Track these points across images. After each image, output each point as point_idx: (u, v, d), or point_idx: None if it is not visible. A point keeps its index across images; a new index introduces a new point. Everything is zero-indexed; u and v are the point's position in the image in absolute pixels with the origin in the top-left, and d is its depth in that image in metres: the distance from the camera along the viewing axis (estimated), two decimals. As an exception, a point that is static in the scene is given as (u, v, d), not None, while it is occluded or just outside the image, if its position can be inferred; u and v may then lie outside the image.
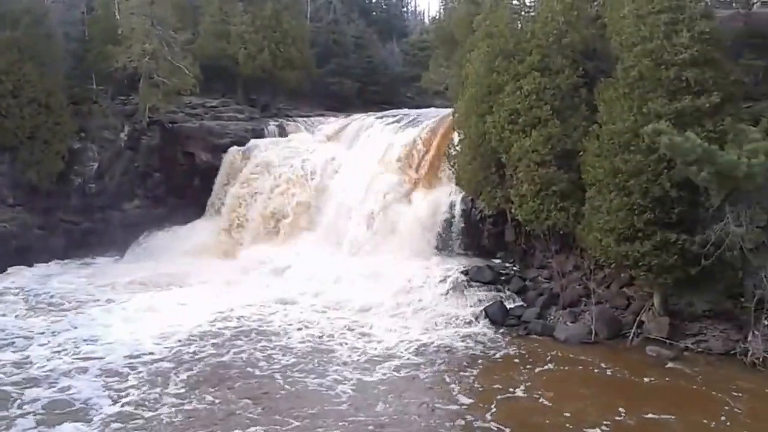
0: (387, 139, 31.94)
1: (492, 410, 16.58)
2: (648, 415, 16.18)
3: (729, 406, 16.62)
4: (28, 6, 32.32)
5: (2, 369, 18.69)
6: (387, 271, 26.18)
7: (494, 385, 18.12)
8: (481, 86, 24.98)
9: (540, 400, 17.30)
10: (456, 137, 27.69)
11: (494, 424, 15.90)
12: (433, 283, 25.00)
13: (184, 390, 17.67)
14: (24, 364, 19.12)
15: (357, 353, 20.56)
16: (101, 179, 33.90)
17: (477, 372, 19.13)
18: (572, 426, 15.79)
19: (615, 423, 15.87)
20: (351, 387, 18.08)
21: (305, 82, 43.81)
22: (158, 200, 34.93)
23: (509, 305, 23.62)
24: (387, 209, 28.72)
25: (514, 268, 25.99)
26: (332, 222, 29.99)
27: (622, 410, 16.41)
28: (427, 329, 22.43)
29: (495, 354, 20.61)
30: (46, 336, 21.52)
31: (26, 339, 21.23)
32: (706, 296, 20.50)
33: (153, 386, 17.85)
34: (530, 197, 22.83)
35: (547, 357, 20.15)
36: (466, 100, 26.02)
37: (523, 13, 26.42)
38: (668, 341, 20.11)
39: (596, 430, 15.53)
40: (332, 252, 28.80)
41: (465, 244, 27.39)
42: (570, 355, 20.19)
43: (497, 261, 26.63)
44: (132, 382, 18.06)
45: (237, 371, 19.07)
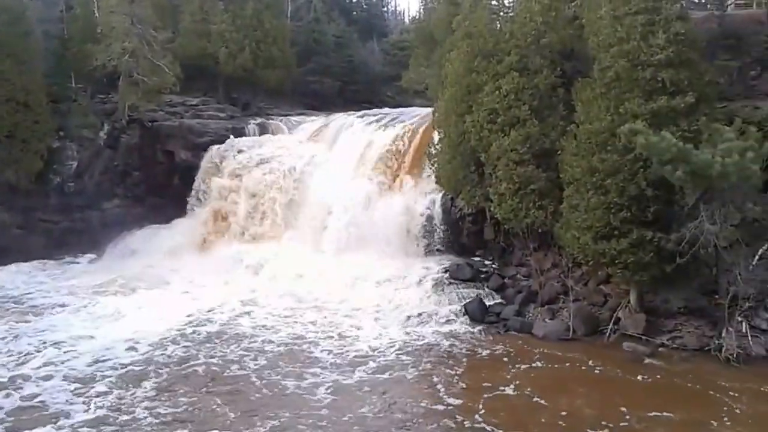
0: (367, 139, 32.05)
1: (481, 410, 16.56)
2: (651, 413, 16.25)
3: (729, 406, 16.73)
4: (6, 4, 32.08)
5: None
6: (367, 270, 26.35)
7: (481, 384, 18.13)
8: (461, 86, 25.17)
9: (534, 399, 17.33)
10: (436, 136, 27.88)
11: (487, 425, 15.86)
12: (414, 281, 25.21)
13: (158, 393, 17.44)
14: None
15: (337, 353, 20.52)
16: (80, 178, 33.75)
17: (462, 371, 19.17)
18: (574, 426, 15.84)
19: (618, 422, 15.92)
20: (331, 388, 17.99)
21: (286, 81, 43.83)
22: (138, 199, 34.80)
23: (488, 302, 23.82)
24: (367, 208, 28.84)
25: (494, 266, 26.21)
26: (312, 221, 29.99)
27: (623, 409, 16.44)
28: (408, 327, 22.54)
29: (479, 352, 20.65)
30: (8, 340, 21.16)
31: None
32: (681, 293, 20.94)
33: (125, 390, 17.58)
34: (509, 196, 23.06)
35: (531, 355, 20.25)
36: (446, 100, 26.20)
37: (502, 14, 26.64)
38: (644, 337, 20.42)
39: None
40: (312, 251, 28.86)
41: (445, 243, 27.57)
42: (554, 353, 20.28)
43: (477, 259, 26.84)
44: (102, 388, 17.70)
45: (212, 373, 18.85)
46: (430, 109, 30.25)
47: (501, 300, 24.10)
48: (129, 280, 27.71)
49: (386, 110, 37.42)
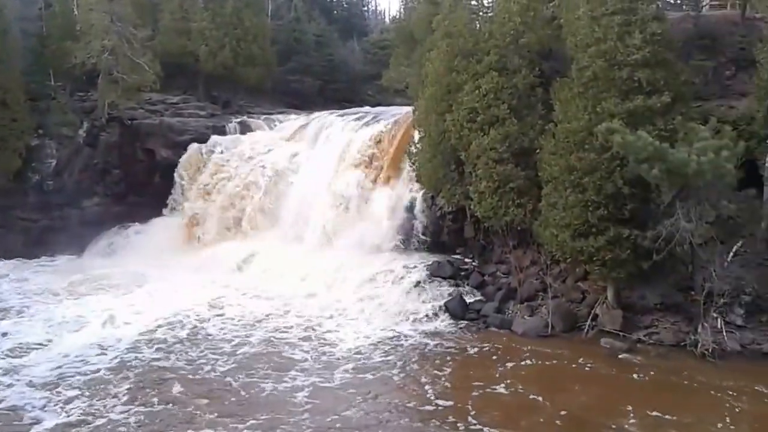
0: (348, 137, 32.11)
1: (472, 411, 16.41)
2: (654, 413, 16.20)
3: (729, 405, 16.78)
4: (-17, 2, 31.86)
5: None
6: (348, 268, 26.41)
7: (469, 383, 18.09)
8: (441, 85, 25.34)
9: (526, 397, 17.32)
10: (416, 135, 28.00)
11: (483, 426, 15.71)
12: (394, 279, 25.29)
13: (131, 398, 17.02)
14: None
15: (318, 352, 20.41)
16: (60, 176, 33.56)
17: (448, 369, 19.09)
18: (573, 424, 15.86)
19: (623, 422, 15.89)
20: (312, 389, 17.75)
21: (266, 80, 43.88)
22: (118, 198, 34.65)
23: (469, 300, 24.00)
24: (348, 206, 28.98)
25: (474, 264, 26.37)
26: (294, 219, 30.10)
27: (629, 407, 16.47)
28: (390, 325, 22.58)
29: (462, 350, 20.67)
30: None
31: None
32: (658, 290, 21.26)
33: (96, 396, 17.11)
34: (489, 194, 23.25)
35: (515, 352, 20.29)
36: (426, 99, 26.36)
37: (481, 14, 26.87)
38: (621, 333, 20.65)
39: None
40: (293, 249, 28.88)
41: (425, 240, 27.71)
42: (536, 349, 20.38)
43: (457, 256, 26.99)
44: (71, 393, 17.19)
45: (187, 376, 18.44)
46: (411, 108, 30.37)
47: (481, 297, 24.28)
48: (105, 280, 27.53)
49: (367, 109, 37.48)
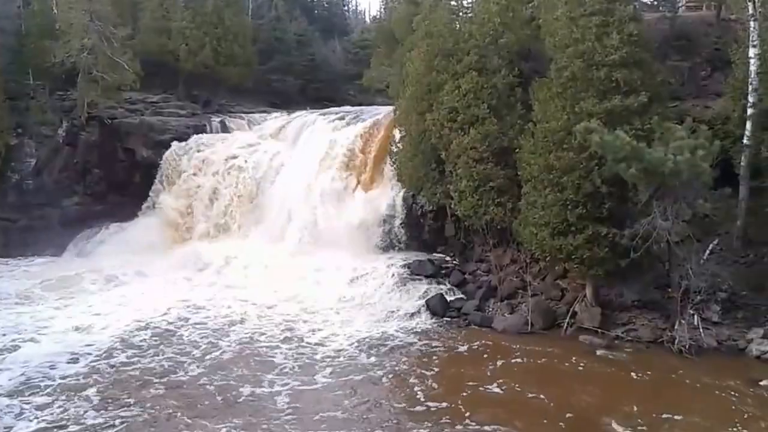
0: (330, 136, 32.12)
1: (465, 411, 16.29)
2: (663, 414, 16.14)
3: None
4: (-38, 0, 31.55)
5: None
6: (330, 267, 26.47)
7: (457, 382, 18.09)
8: (421, 85, 25.48)
9: (523, 395, 17.28)
10: (397, 134, 28.14)
11: (481, 426, 15.58)
12: (376, 278, 25.41)
13: (104, 402, 16.62)
14: None
15: (300, 352, 20.19)
16: (39, 176, 33.28)
17: (434, 368, 19.05)
18: (574, 423, 15.83)
19: (620, 418, 15.91)
20: (294, 391, 17.54)
21: (247, 79, 43.78)
22: (98, 197, 34.32)
23: (450, 298, 24.12)
24: (330, 205, 29.02)
25: (454, 262, 26.55)
26: (275, 218, 30.06)
27: (634, 407, 16.50)
28: (372, 324, 22.58)
29: (445, 348, 20.63)
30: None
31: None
32: (636, 287, 21.52)
33: (69, 401, 16.66)
34: (469, 193, 23.42)
35: (498, 350, 20.29)
36: (407, 98, 26.50)
37: (461, 14, 26.99)
38: (600, 330, 20.88)
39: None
40: (275, 249, 28.85)
41: (406, 239, 27.87)
42: (521, 347, 20.42)
43: (438, 255, 27.15)
44: (43, 400, 16.67)
45: (165, 378, 18.12)
46: (392, 108, 30.48)
47: (462, 295, 24.40)
48: (84, 281, 27.24)
49: (348, 108, 37.55)
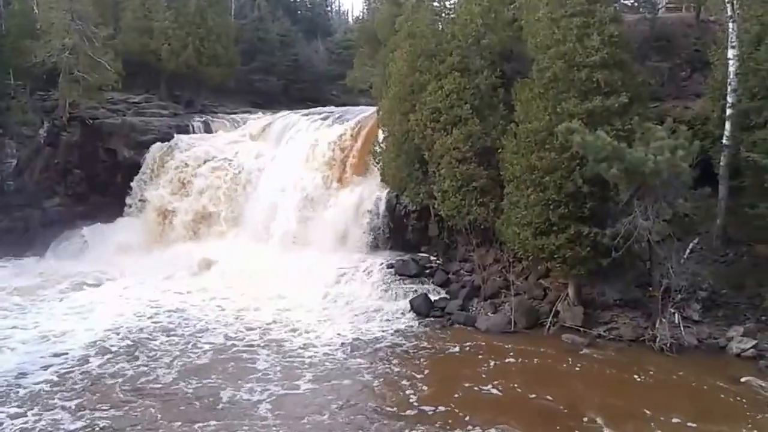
0: (313, 136, 32.13)
1: (464, 415, 16.11)
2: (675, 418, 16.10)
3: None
4: (-59, -1, 31.16)
5: None
6: (314, 267, 26.43)
7: (447, 384, 18.04)
8: (404, 85, 25.59)
9: (519, 395, 17.24)
10: (381, 135, 28.20)
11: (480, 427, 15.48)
12: (360, 278, 25.46)
13: (80, 409, 16.27)
14: None
15: (283, 354, 20.07)
16: (20, 176, 32.88)
17: (423, 370, 18.96)
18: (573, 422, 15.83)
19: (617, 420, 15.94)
20: (277, 395, 17.31)
21: (230, 79, 43.72)
22: (80, 198, 34.05)
23: (433, 297, 24.21)
24: (313, 205, 29.01)
25: (438, 262, 26.64)
26: (259, 218, 29.95)
27: (618, 405, 16.60)
28: (356, 324, 22.56)
29: (432, 349, 20.57)
30: None
31: None
32: (617, 286, 21.72)
33: (44, 408, 16.28)
34: (452, 193, 23.55)
35: (487, 350, 20.31)
36: (390, 99, 26.58)
37: (444, 15, 27.11)
38: (582, 329, 21.03)
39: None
40: (259, 248, 28.78)
41: (390, 239, 27.89)
42: (510, 347, 20.45)
43: (422, 255, 27.21)
44: (15, 410, 16.20)
45: (144, 384, 17.78)
46: (375, 108, 30.53)
47: (445, 295, 24.52)
48: (61, 284, 26.88)
49: (331, 108, 37.54)
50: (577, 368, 19.03)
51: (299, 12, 62.32)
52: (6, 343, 20.50)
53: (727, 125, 21.29)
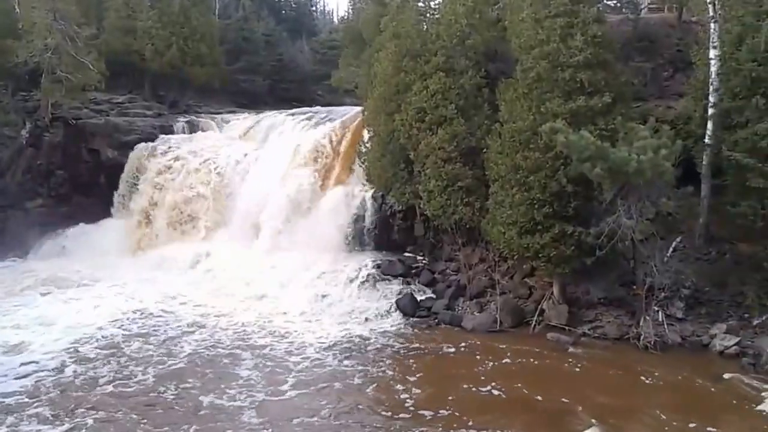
0: (299, 136, 32.08)
1: (462, 416, 15.98)
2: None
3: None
4: None
5: None
6: (299, 268, 26.39)
7: (439, 385, 17.88)
8: (389, 85, 25.62)
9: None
10: (366, 135, 28.21)
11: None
12: (346, 278, 25.37)
13: (59, 416, 15.89)
14: None
15: (269, 357, 19.82)
16: (2, 177, 32.61)
17: (414, 371, 18.78)
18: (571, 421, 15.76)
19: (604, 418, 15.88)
20: (265, 401, 16.97)
21: (215, 79, 43.53)
22: (63, 199, 33.78)
23: (419, 297, 24.24)
24: (299, 206, 28.91)
25: (424, 261, 26.67)
26: (244, 219, 29.80)
27: (604, 403, 16.65)
28: (343, 325, 22.53)
29: (421, 350, 20.44)
30: None
31: None
32: (601, 285, 21.87)
33: (22, 418, 15.75)
34: (438, 193, 23.59)
35: (475, 350, 20.30)
36: (375, 99, 26.61)
37: (428, 15, 27.21)
38: (567, 328, 21.15)
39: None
40: (244, 249, 28.67)
41: (376, 239, 27.88)
42: (503, 346, 20.43)
43: (407, 255, 27.23)
44: None
45: (123, 390, 17.45)
46: (360, 108, 30.54)
47: (431, 294, 24.54)
48: (41, 286, 26.55)
49: (317, 109, 37.46)
50: (564, 366, 19.06)
51: (284, 12, 62.15)
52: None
53: (709, 125, 21.42)
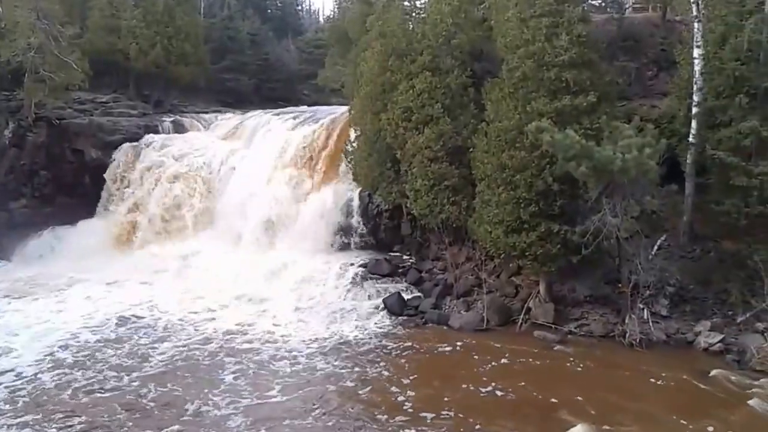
0: (285, 136, 31.99)
1: (460, 415, 15.96)
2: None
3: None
4: None
5: None
6: (286, 268, 26.36)
7: (433, 386, 17.84)
8: (376, 84, 25.62)
9: (506, 392, 17.14)
10: (352, 134, 28.20)
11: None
12: (333, 278, 25.39)
13: (36, 423, 15.61)
14: None
15: (257, 359, 19.69)
16: (-15, 178, 32.40)
17: (407, 372, 18.67)
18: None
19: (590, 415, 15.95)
20: (253, 405, 16.69)
21: (200, 78, 43.36)
22: (46, 199, 33.44)
23: (407, 296, 24.27)
24: (285, 205, 28.87)
25: (411, 261, 26.71)
26: (230, 219, 29.75)
27: (591, 400, 16.65)
28: (331, 325, 22.44)
29: (411, 349, 20.36)
30: None
31: None
32: (587, 283, 22.00)
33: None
34: (424, 192, 23.63)
35: (465, 348, 20.32)
36: (362, 98, 26.60)
37: (414, 15, 27.19)
38: (554, 326, 21.23)
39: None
40: (230, 249, 28.59)
41: (363, 238, 27.91)
42: (490, 345, 20.46)
43: (394, 254, 27.29)
44: None
45: (105, 395, 17.11)
46: (347, 107, 30.52)
47: (419, 293, 24.59)
48: (25, 287, 26.41)
49: (303, 108, 37.50)
50: (551, 364, 19.14)
51: (269, 11, 61.96)
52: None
53: (693, 123, 21.62)
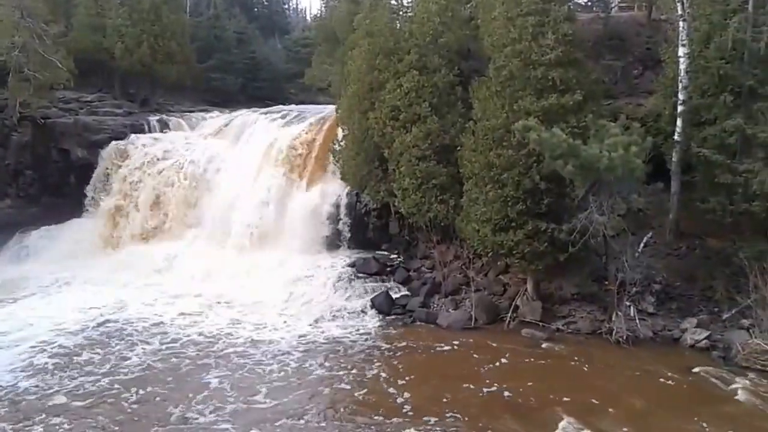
0: (272, 135, 31.90)
1: (457, 413, 15.90)
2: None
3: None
4: None
5: None
6: (273, 267, 26.38)
7: (430, 386, 17.72)
8: (363, 83, 25.63)
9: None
10: (340, 133, 28.18)
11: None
12: (321, 277, 25.37)
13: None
14: None
15: (251, 362, 19.36)
16: (-31, 178, 32.13)
17: (403, 372, 18.48)
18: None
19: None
20: (241, 410, 16.38)
21: (186, 77, 43.09)
22: (32, 199, 33.23)
23: (395, 295, 24.28)
24: (273, 204, 28.80)
25: (399, 259, 26.75)
26: (217, 218, 29.59)
27: (580, 397, 16.70)
28: (319, 325, 22.36)
29: (404, 348, 20.29)
30: None
31: None
32: (574, 280, 22.08)
33: None
34: (412, 191, 23.67)
35: (456, 347, 20.26)
36: (349, 97, 26.60)
37: (401, 13, 27.30)
38: (541, 323, 21.32)
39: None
40: (217, 249, 28.51)
41: (351, 237, 27.90)
42: (479, 343, 20.49)
43: (383, 253, 27.30)
44: None
45: (89, 401, 16.67)
46: (334, 106, 30.50)
47: (407, 292, 24.59)
48: (8, 288, 26.15)
49: (290, 107, 37.36)
50: (539, 362, 19.20)
51: (256, 9, 61.89)
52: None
53: (679, 122, 21.77)
